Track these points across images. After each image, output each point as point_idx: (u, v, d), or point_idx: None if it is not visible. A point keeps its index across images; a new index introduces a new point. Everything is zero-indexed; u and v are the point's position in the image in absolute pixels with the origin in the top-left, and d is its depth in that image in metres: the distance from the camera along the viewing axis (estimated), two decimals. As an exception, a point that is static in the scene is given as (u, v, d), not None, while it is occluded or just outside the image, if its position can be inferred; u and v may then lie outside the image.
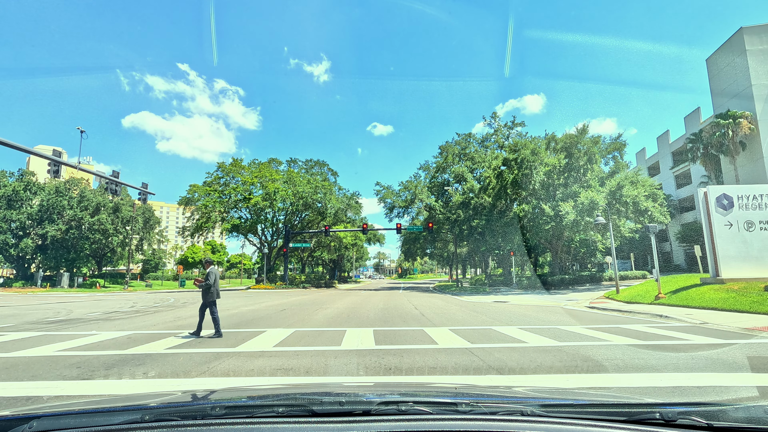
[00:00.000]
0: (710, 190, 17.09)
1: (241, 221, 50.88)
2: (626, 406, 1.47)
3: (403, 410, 1.33)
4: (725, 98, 34.07)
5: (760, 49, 32.15)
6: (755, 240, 16.35)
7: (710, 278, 16.86)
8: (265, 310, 16.43)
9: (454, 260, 59.26)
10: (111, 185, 24.77)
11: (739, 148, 32.64)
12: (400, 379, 5.30)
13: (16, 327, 11.02)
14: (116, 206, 54.96)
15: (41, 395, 4.57)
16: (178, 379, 5.31)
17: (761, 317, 10.81)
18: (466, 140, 47.25)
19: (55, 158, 21.33)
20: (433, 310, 15.83)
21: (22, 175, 53.81)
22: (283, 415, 1.31)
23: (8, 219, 49.66)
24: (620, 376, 5.24)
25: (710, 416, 1.27)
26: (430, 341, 8.11)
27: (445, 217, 40.30)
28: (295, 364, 6.16)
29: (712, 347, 7.14)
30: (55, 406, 1.49)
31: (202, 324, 8.91)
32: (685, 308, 13.54)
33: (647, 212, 25.80)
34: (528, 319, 12.22)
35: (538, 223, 27.95)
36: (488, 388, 2.64)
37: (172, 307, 18.61)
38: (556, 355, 6.55)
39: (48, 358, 6.68)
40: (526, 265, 42.14)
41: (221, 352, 7.13)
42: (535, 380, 5.18)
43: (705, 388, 4.62)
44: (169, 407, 1.41)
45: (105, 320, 12.77)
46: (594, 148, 28.80)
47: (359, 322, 11.50)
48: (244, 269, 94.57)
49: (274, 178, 49.45)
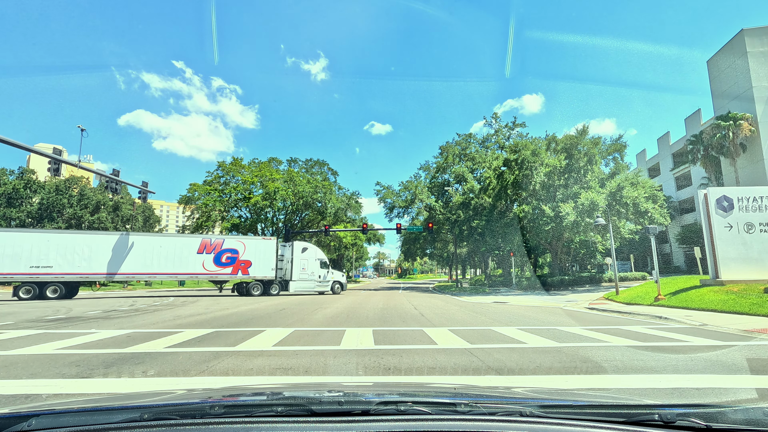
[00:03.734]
0: (710, 191, 17.09)
1: (241, 220, 50.88)
2: (625, 408, 1.47)
3: (402, 410, 1.34)
4: (726, 100, 34.07)
5: (761, 51, 32.15)
6: (755, 242, 16.34)
7: (710, 280, 16.86)
8: (264, 309, 16.44)
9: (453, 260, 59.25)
10: (111, 184, 24.77)
11: (739, 149, 32.65)
12: (399, 379, 5.30)
13: (16, 325, 11.03)
14: (116, 205, 54.98)
15: (40, 393, 4.56)
16: (177, 378, 5.31)
17: (761, 319, 10.81)
18: (466, 140, 47.26)
19: (56, 156, 21.33)
20: (432, 310, 15.84)
21: (23, 173, 53.82)
22: (282, 414, 1.31)
23: (8, 217, 49.65)
24: (619, 377, 5.24)
25: (709, 418, 1.27)
26: (430, 341, 8.11)
27: (445, 217, 40.31)
28: (294, 363, 6.16)
29: (711, 349, 7.14)
30: (54, 405, 1.49)
31: None
32: (685, 310, 13.53)
33: (647, 214, 25.79)
34: (527, 319, 12.22)
35: (538, 223, 27.95)
36: (487, 389, 2.64)
37: (171, 306, 18.61)
38: (555, 356, 6.55)
39: (47, 356, 6.68)
40: (525, 266, 42.14)
41: (220, 351, 7.13)
42: (534, 381, 5.18)
43: (704, 389, 4.62)
44: (168, 406, 1.41)
45: (104, 319, 12.77)
46: (594, 150, 28.80)
47: (358, 322, 11.50)
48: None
49: (275, 177, 49.46)
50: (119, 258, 26.19)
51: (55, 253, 24.59)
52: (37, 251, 24.24)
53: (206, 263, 28.01)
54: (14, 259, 23.77)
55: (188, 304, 19.90)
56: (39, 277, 24.05)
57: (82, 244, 25.50)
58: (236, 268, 28.70)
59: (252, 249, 29.38)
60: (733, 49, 33.59)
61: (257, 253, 29.45)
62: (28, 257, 24.04)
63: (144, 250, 26.83)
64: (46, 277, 24.17)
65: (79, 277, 25.42)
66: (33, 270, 24.01)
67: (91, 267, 25.38)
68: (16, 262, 23.78)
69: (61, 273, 24.54)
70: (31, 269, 24.01)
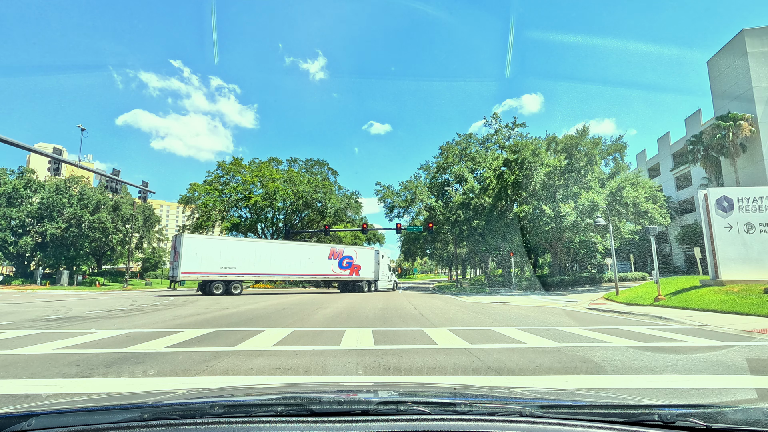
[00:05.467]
0: (710, 192, 17.09)
1: (241, 220, 50.92)
2: (625, 408, 1.47)
3: (402, 410, 1.34)
4: (726, 100, 34.08)
5: (761, 51, 32.16)
6: (755, 242, 16.35)
7: (710, 280, 16.86)
8: (264, 309, 16.43)
9: (453, 261, 59.25)
10: (111, 183, 24.79)
11: (739, 150, 32.66)
12: (398, 379, 5.30)
13: (15, 324, 11.02)
14: (116, 204, 54.98)
15: (40, 393, 4.56)
16: (177, 378, 5.31)
17: (761, 319, 10.81)
18: (466, 140, 47.27)
19: (56, 156, 21.33)
20: (432, 310, 15.84)
21: (23, 173, 53.83)
22: (281, 414, 1.31)
23: (8, 217, 49.67)
24: (619, 377, 5.24)
25: (709, 418, 1.27)
26: (430, 341, 8.11)
27: (445, 217, 40.32)
28: (294, 363, 6.16)
29: (711, 349, 7.14)
30: (53, 404, 1.50)
31: None
32: (685, 310, 13.54)
33: (647, 214, 25.80)
34: (527, 319, 12.22)
35: (538, 224, 27.96)
36: (487, 389, 2.64)
37: (171, 305, 18.61)
38: (555, 356, 6.55)
39: (47, 355, 6.68)
40: (525, 266, 42.15)
41: (220, 351, 7.13)
42: (534, 381, 5.18)
43: (704, 390, 4.62)
44: (168, 406, 1.41)
45: (104, 318, 12.77)
46: (594, 150, 28.81)
47: (358, 322, 11.50)
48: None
49: (275, 177, 49.48)
50: (279, 262, 32.05)
51: (235, 257, 29.91)
52: (225, 255, 29.47)
53: (333, 267, 34.97)
54: (210, 261, 28.70)
55: (188, 303, 19.90)
56: (226, 276, 29.26)
57: (251, 250, 31.21)
58: (352, 271, 36.11)
59: (361, 256, 37.08)
60: (733, 50, 33.60)
61: (364, 259, 37.08)
62: (218, 260, 29.02)
63: (294, 256, 33.00)
64: (231, 276, 29.47)
65: (252, 277, 31.72)
66: (222, 270, 29.10)
67: (260, 268, 31.04)
68: (210, 263, 28.65)
69: (241, 273, 30.05)
70: (221, 270, 29.10)
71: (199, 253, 28.22)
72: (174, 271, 28.64)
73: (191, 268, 27.94)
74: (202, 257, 28.30)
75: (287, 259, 32.40)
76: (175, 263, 28.20)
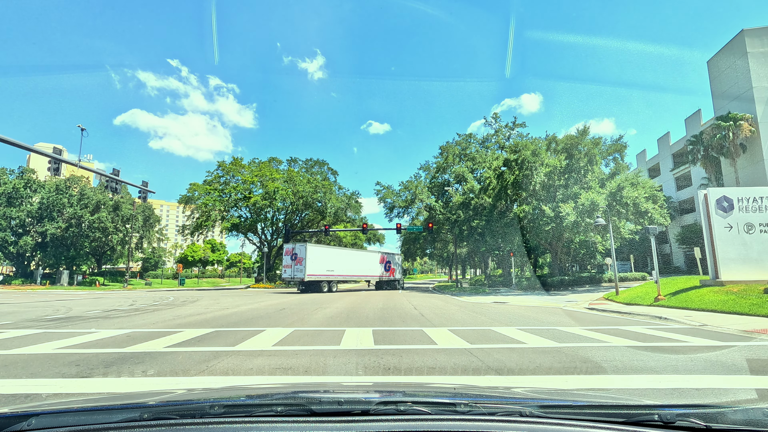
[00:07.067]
0: (710, 192, 17.09)
1: (241, 220, 50.91)
2: (625, 408, 1.47)
3: (402, 410, 1.34)
4: (726, 100, 34.08)
5: (762, 51, 32.16)
6: (755, 242, 16.35)
7: (710, 280, 16.86)
8: (264, 309, 16.44)
9: (453, 261, 59.23)
10: (111, 183, 24.79)
11: (739, 150, 32.66)
12: (398, 379, 5.30)
13: (15, 324, 11.03)
14: (116, 204, 54.96)
15: (40, 393, 4.56)
16: (177, 378, 5.31)
17: (760, 319, 10.81)
18: (466, 140, 47.26)
19: (56, 156, 21.33)
20: (432, 310, 15.84)
21: (23, 173, 53.83)
22: (281, 414, 1.31)
23: (8, 216, 49.67)
24: (619, 377, 5.24)
25: (709, 418, 1.27)
26: (430, 341, 8.11)
27: (445, 217, 40.33)
28: (294, 363, 6.16)
29: (711, 349, 7.14)
30: (53, 404, 1.50)
31: None
32: (685, 310, 13.54)
33: (647, 214, 25.79)
34: (527, 319, 12.22)
35: (538, 224, 27.95)
36: (487, 389, 2.64)
37: (171, 305, 18.61)
38: (555, 356, 6.55)
39: (47, 355, 6.68)
40: (525, 266, 42.15)
41: (220, 350, 7.13)
42: (534, 381, 5.18)
43: (704, 390, 4.62)
44: (168, 405, 1.41)
45: (104, 318, 12.77)
46: (595, 150, 28.78)
47: (358, 322, 11.50)
48: (244, 268, 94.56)
49: (275, 177, 49.46)
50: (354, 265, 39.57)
51: (333, 261, 36.19)
52: (329, 260, 35.59)
53: (382, 269, 43.39)
54: (321, 265, 34.60)
55: (188, 303, 19.90)
56: (329, 277, 35.37)
57: (342, 256, 38.46)
58: (391, 272, 44.73)
59: (395, 260, 46.20)
60: (733, 50, 33.60)
61: (396, 262, 46.22)
62: (326, 264, 35.14)
63: (363, 261, 41.26)
64: (332, 277, 35.74)
65: (342, 278, 38.15)
66: (328, 272, 35.23)
67: (345, 270, 37.83)
68: (320, 266, 34.41)
69: (338, 275, 36.67)
70: (327, 272, 35.18)
71: (315, 258, 34.01)
72: (296, 273, 33.37)
73: (313, 271, 33.61)
74: (317, 262, 34.03)
75: (359, 263, 40.24)
76: (299, 267, 33.22)
